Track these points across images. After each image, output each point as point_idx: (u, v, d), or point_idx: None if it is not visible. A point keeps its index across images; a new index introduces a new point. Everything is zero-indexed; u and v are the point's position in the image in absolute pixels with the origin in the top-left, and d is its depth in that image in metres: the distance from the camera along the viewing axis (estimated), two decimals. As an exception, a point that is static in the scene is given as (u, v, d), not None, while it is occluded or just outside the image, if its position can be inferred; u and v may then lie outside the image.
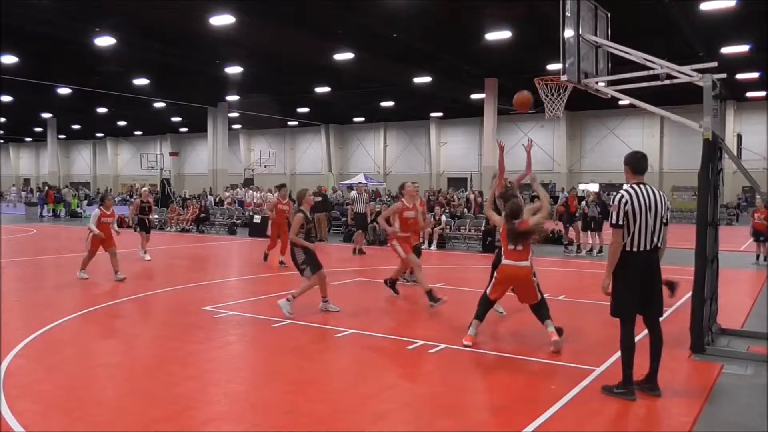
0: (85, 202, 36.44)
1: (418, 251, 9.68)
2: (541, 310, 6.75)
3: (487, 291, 6.81)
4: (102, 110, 44.73)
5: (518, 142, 47.38)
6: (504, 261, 6.67)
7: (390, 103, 41.00)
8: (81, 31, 22.33)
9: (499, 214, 7.18)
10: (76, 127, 57.69)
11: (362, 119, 52.27)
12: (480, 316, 6.82)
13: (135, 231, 14.70)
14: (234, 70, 28.86)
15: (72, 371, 5.86)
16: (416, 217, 9.50)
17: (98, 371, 5.98)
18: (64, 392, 5.25)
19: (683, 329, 6.73)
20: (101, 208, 11.44)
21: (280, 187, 14.62)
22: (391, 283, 9.68)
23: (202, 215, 24.25)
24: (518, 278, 6.63)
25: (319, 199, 20.50)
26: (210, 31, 21.39)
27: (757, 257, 14.81)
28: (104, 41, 23.15)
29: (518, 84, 32.39)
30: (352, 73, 28.98)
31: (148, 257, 13.92)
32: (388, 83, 32.54)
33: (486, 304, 6.83)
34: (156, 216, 25.91)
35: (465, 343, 6.69)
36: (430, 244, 17.77)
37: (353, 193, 17.62)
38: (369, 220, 19.16)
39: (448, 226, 18.31)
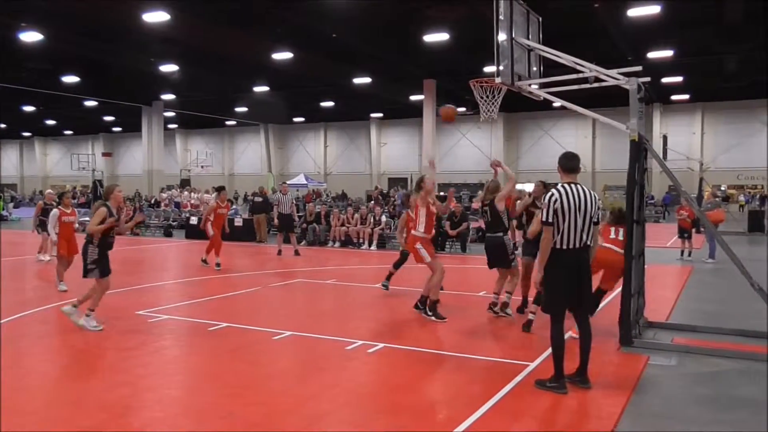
0: (11, 205, 34.81)
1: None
2: (597, 301, 7.19)
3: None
4: (29, 108, 42.87)
5: (457, 143, 48.22)
6: (603, 244, 7.03)
7: (330, 104, 40.92)
8: (4, 26, 21.35)
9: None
10: (1, 126, 55.09)
11: (302, 119, 51.96)
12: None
13: (37, 233, 14.25)
14: (169, 68, 28.19)
15: (-5, 381, 5.60)
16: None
17: (26, 380, 5.72)
18: (-13, 403, 5.00)
19: (613, 322, 7.00)
20: (60, 207, 10.72)
21: (219, 189, 14.37)
22: (432, 307, 8.16)
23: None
24: (611, 262, 6.99)
25: (260, 200, 20.26)
26: (143, 27, 20.84)
27: (682, 253, 15.50)
28: (30, 36, 22.21)
29: (456, 86, 32.93)
30: (292, 73, 28.79)
31: (47, 258, 13.68)
32: (327, 83, 32.45)
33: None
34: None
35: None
36: (369, 245, 17.83)
37: (278, 194, 17.35)
38: (306, 220, 19.03)
39: (388, 227, 18.39)
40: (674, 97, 38.47)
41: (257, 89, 34.26)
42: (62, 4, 19.26)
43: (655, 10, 19.32)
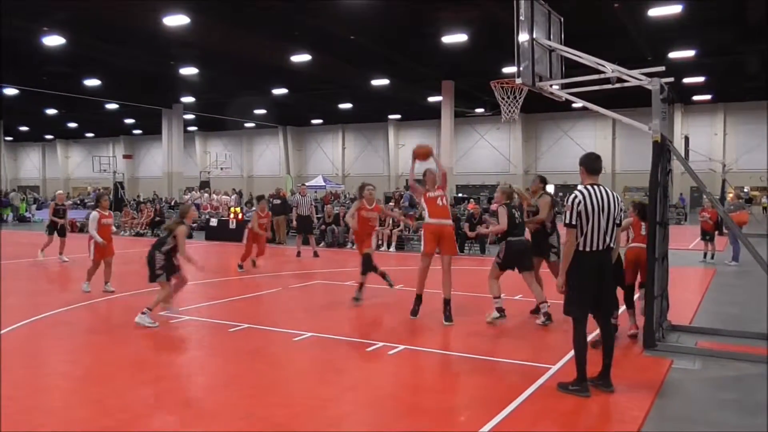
0: (34, 206, 35.30)
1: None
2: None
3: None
4: (51, 112, 43.49)
5: (475, 144, 48.09)
6: (632, 244, 7.36)
7: (348, 105, 40.97)
8: (28, 30, 21.66)
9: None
10: (24, 128, 55.97)
11: (320, 121, 52.12)
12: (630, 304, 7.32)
13: (47, 234, 14.80)
14: (189, 71, 28.42)
15: (20, 380, 5.67)
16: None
17: (48, 380, 5.81)
18: (12, 403, 5.06)
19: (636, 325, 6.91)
20: (98, 209, 10.58)
21: (260, 198, 14.69)
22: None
23: (157, 219, 23.77)
24: (639, 257, 7.11)
25: (279, 201, 20.34)
26: (163, 31, 21.02)
27: (705, 255, 15.30)
28: (53, 40, 22.51)
29: (474, 86, 32.70)
30: (310, 75, 28.88)
31: (65, 258, 14.26)
32: (345, 85, 32.51)
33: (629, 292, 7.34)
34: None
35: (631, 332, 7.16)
36: (388, 246, 17.81)
37: (296, 195, 17.50)
38: (325, 221, 19.08)
39: (406, 228, 18.35)
40: (696, 98, 38.01)
41: (276, 91, 34.42)
42: (84, 9, 19.49)
43: (676, 9, 19.11)
